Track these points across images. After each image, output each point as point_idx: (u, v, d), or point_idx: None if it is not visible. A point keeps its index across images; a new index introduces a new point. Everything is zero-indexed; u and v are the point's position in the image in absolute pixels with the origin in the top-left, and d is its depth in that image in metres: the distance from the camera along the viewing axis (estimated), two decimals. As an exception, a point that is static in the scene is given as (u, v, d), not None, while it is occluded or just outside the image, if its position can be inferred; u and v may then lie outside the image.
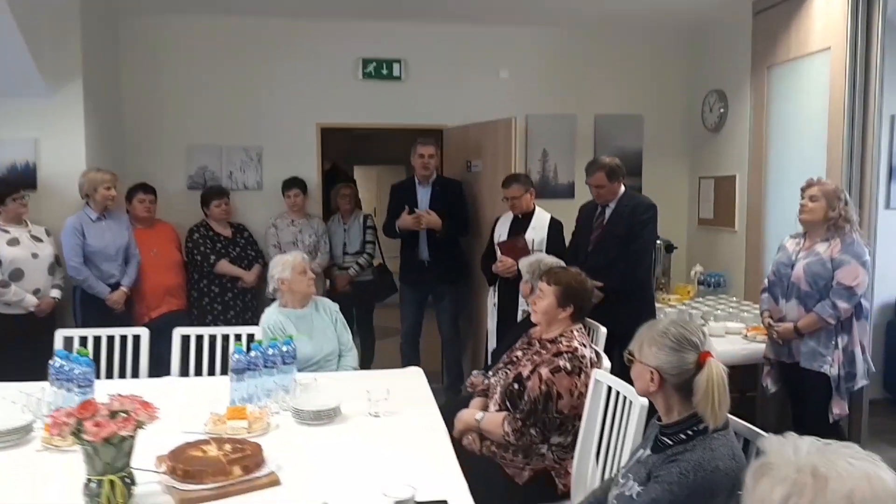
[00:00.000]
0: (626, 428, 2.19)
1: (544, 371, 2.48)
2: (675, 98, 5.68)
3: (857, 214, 3.35)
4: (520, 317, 4.27)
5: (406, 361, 4.98)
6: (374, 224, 5.36)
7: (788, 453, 1.03)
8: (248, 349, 2.70)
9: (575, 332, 2.60)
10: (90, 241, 4.24)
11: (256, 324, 3.54)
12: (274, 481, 1.96)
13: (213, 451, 2.02)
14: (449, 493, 1.94)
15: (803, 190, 3.40)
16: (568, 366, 2.47)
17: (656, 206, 3.92)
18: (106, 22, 4.93)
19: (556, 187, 5.59)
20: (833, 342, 3.26)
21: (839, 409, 3.27)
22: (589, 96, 5.61)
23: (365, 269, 5.28)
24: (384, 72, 5.34)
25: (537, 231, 4.31)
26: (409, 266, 4.94)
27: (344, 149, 8.72)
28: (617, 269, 3.77)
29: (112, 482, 1.76)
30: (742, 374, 4.21)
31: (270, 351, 2.73)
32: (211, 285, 4.90)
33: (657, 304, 4.66)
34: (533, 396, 2.46)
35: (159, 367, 3.52)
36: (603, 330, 3.30)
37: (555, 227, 4.32)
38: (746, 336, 3.91)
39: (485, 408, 2.73)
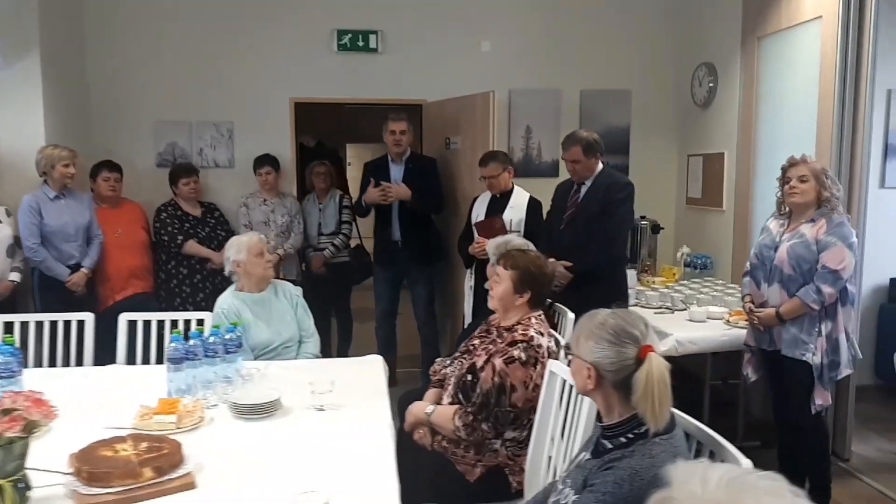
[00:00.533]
0: (577, 425, 2.03)
1: (498, 362, 2.31)
2: (665, 72, 5.45)
3: (840, 193, 3.15)
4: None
5: (381, 345, 4.84)
6: (350, 204, 5.18)
7: (694, 487, 0.86)
8: (187, 337, 2.54)
9: (533, 320, 2.43)
10: (48, 221, 4.08)
11: (228, 307, 3.40)
12: (188, 484, 1.81)
13: (126, 450, 1.87)
14: (376, 493, 1.79)
15: (785, 169, 3.20)
16: (523, 356, 2.30)
17: (633, 184, 3.73)
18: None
19: (539, 165, 5.39)
20: (816, 329, 3.08)
21: (822, 399, 3.10)
22: (574, 70, 5.38)
23: (341, 251, 5.11)
24: (360, 44, 5.13)
25: (515, 211, 4.12)
26: (382, 247, 4.78)
27: (332, 125, 8.48)
28: (589, 249, 3.60)
29: (1, 487, 1.61)
30: (725, 361, 4.05)
31: (211, 339, 2.56)
32: (179, 267, 4.74)
33: (640, 287, 4.51)
34: (485, 389, 2.30)
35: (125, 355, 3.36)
36: (571, 316, 3.13)
37: (534, 206, 4.14)
38: (728, 321, 3.73)
39: (439, 400, 2.57)
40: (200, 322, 3.26)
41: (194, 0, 5.01)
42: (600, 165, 3.78)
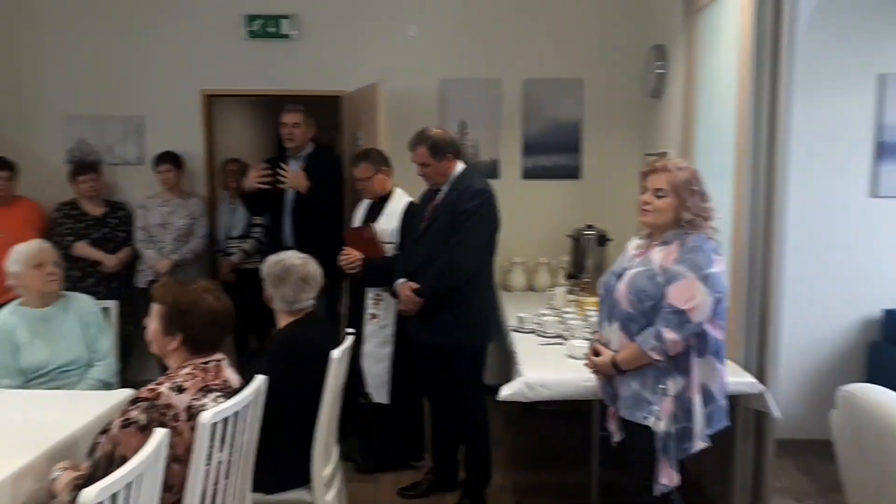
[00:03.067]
0: None
1: (116, 423, 1.80)
2: (622, 57, 4.66)
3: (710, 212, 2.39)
4: (367, 320, 3.58)
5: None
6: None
7: None
8: None
9: (186, 370, 1.90)
10: None
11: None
12: None
13: None
14: None
15: (645, 175, 2.48)
16: (142, 419, 1.77)
17: (489, 191, 3.09)
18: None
19: (477, 166, 4.73)
20: (662, 386, 2.36)
21: (667, 478, 2.36)
22: (516, 57, 4.70)
23: (252, 256, 4.69)
24: (271, 29, 4.67)
25: (389, 219, 3.55)
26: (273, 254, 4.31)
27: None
28: (433, 269, 3.00)
29: None
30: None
31: None
32: (72, 269, 4.45)
33: (546, 311, 3.81)
34: (97, 456, 1.79)
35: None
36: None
37: (410, 215, 3.54)
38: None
39: None
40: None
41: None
42: (459, 168, 3.16)
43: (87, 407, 2.42)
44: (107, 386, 3.01)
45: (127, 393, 2.57)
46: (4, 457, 1.96)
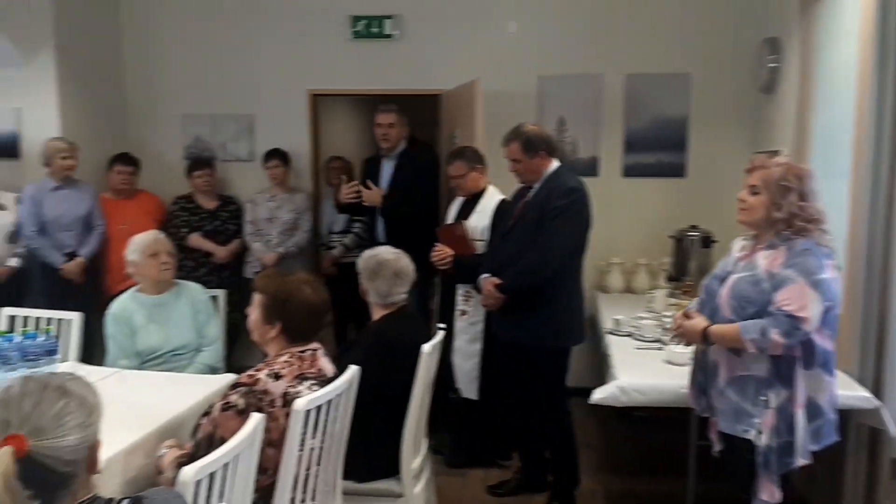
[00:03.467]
0: None
1: (217, 406, 1.90)
2: (731, 50, 4.45)
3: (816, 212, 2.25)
4: (457, 316, 3.61)
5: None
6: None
7: None
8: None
9: (283, 358, 1.98)
10: (45, 211, 4.26)
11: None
12: None
13: None
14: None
15: (747, 173, 2.37)
16: (241, 403, 1.86)
17: (582, 190, 3.03)
18: (99, -10, 4.91)
19: (574, 163, 4.64)
20: (763, 398, 2.24)
21: (767, 493, 2.26)
22: (619, 51, 4.59)
23: (352, 250, 4.82)
24: (375, 30, 4.78)
25: (481, 216, 3.56)
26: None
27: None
28: (518, 266, 2.98)
29: None
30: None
31: (6, 344, 2.42)
32: (186, 260, 4.72)
33: (645, 314, 3.70)
34: (199, 438, 1.90)
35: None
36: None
37: (501, 212, 3.54)
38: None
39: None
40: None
41: (216, -7, 4.98)
42: (553, 166, 3.12)
43: (194, 389, 2.56)
44: (213, 370, 3.18)
45: (231, 377, 2.70)
46: (118, 432, 2.09)
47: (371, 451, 2.45)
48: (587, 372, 4.04)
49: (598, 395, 2.83)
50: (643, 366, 3.01)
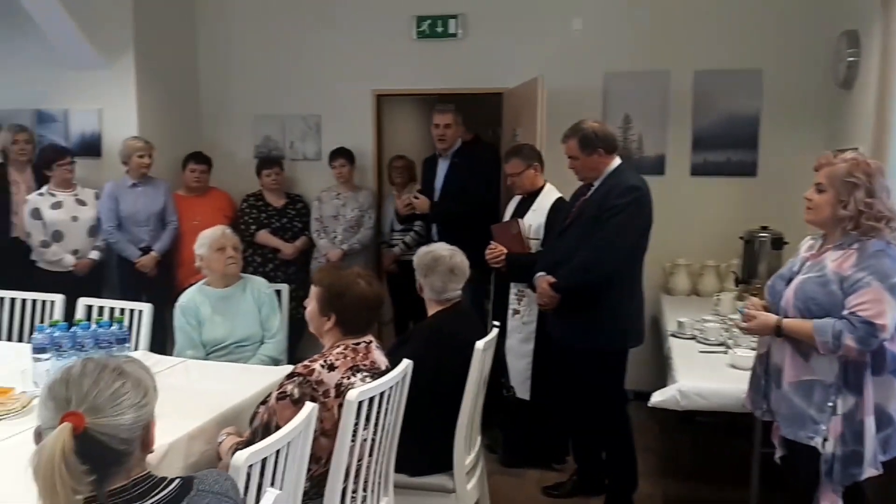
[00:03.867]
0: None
1: (273, 395, 1.95)
2: (806, 45, 4.28)
3: (890, 205, 2.14)
4: (510, 315, 3.60)
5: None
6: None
7: None
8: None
9: (337, 349, 2.01)
10: (123, 207, 4.48)
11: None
12: None
13: None
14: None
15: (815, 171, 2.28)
16: (296, 392, 1.91)
17: (643, 189, 2.96)
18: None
19: (640, 161, 4.56)
20: (830, 404, 2.15)
21: (829, 504, 2.16)
22: (687, 47, 4.48)
23: (412, 248, 4.86)
24: (439, 29, 4.81)
25: (537, 214, 3.53)
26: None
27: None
28: (572, 265, 2.95)
29: None
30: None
31: (80, 332, 2.55)
32: (254, 255, 4.89)
33: (710, 317, 3.60)
34: (255, 425, 1.96)
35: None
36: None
37: (557, 211, 3.50)
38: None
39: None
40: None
41: (284, -2, 5.12)
42: (613, 164, 3.07)
43: (256, 379, 2.64)
44: (275, 362, 3.27)
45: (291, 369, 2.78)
46: (182, 419, 2.18)
47: (424, 446, 2.47)
48: (649, 375, 3.97)
49: (657, 397, 2.77)
50: (705, 369, 2.93)
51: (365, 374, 2.03)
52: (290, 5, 5.09)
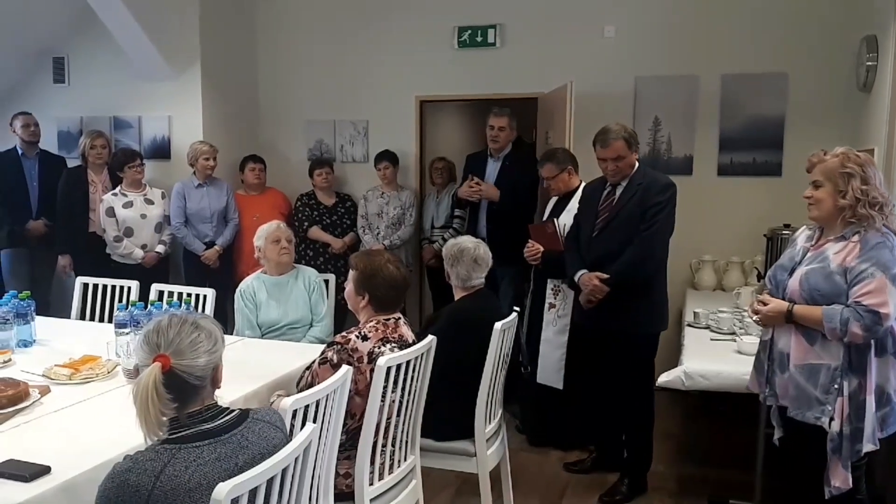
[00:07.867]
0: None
1: (317, 359, 2.30)
2: (830, 49, 4.43)
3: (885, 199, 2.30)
4: (546, 309, 3.88)
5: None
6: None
7: None
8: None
9: (371, 323, 2.35)
10: (190, 205, 4.94)
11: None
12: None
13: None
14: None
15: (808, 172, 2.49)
16: (334, 358, 2.25)
17: (675, 185, 3.23)
18: (238, 7, 5.55)
19: (668, 162, 4.80)
20: (836, 385, 2.31)
21: (840, 481, 2.32)
22: (715, 52, 4.68)
23: (452, 244, 5.19)
24: (479, 39, 5.12)
25: (571, 214, 3.79)
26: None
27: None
28: (624, 259, 3.21)
29: None
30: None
31: (154, 311, 2.95)
32: (307, 249, 5.30)
33: (722, 308, 3.81)
34: (300, 387, 2.31)
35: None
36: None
37: (586, 197, 3.74)
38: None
39: None
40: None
41: (334, 6, 5.49)
42: (637, 162, 3.33)
43: (304, 354, 2.99)
44: (322, 343, 3.61)
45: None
46: (242, 384, 2.54)
47: (448, 414, 2.78)
48: (669, 363, 4.18)
49: (664, 378, 3.01)
50: (713, 354, 3.16)
51: (393, 344, 2.36)
52: (342, 19, 5.48)
